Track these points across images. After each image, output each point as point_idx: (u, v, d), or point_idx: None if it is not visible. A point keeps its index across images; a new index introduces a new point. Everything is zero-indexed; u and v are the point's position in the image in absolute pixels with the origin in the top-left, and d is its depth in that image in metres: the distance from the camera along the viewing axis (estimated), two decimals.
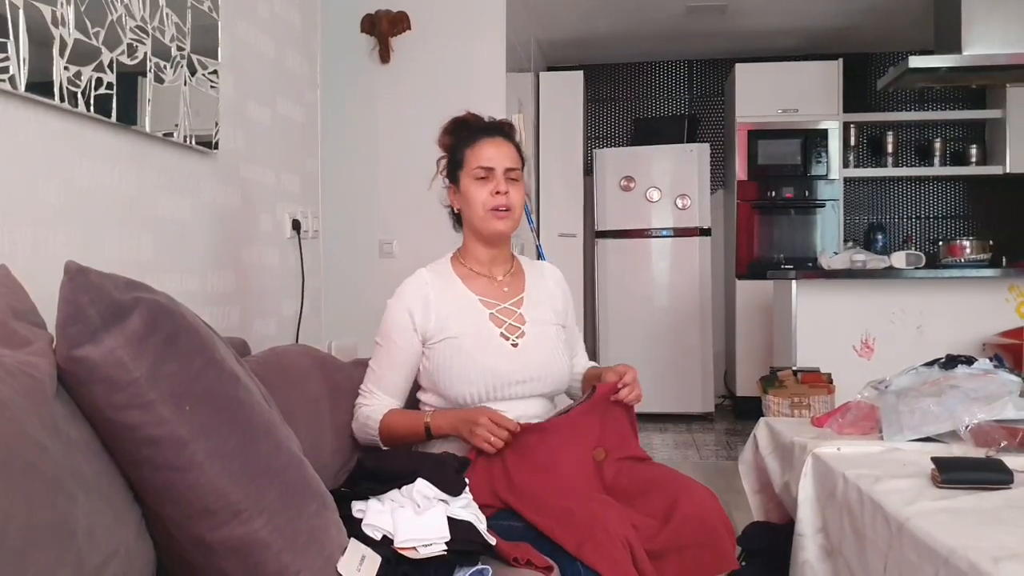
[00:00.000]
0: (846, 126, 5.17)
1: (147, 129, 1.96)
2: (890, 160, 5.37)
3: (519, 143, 1.85)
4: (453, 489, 1.36)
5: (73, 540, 0.87)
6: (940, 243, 3.88)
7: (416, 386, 1.82)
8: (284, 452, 1.13)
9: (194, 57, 2.17)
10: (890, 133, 5.36)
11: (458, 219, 1.86)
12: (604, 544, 1.37)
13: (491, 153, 1.75)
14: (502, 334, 1.74)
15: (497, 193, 1.73)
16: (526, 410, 1.71)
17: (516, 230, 1.85)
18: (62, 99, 1.62)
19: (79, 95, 1.68)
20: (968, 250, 3.68)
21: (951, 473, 1.45)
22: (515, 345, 1.73)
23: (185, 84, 2.13)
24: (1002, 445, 1.63)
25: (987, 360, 1.99)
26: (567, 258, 4.77)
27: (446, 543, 1.26)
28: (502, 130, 1.80)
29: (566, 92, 5.13)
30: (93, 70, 1.72)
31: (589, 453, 1.65)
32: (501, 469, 1.59)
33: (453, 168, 1.80)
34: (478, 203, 1.74)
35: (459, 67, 3.56)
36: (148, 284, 1.06)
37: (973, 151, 5.21)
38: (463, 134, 1.80)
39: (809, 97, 5.09)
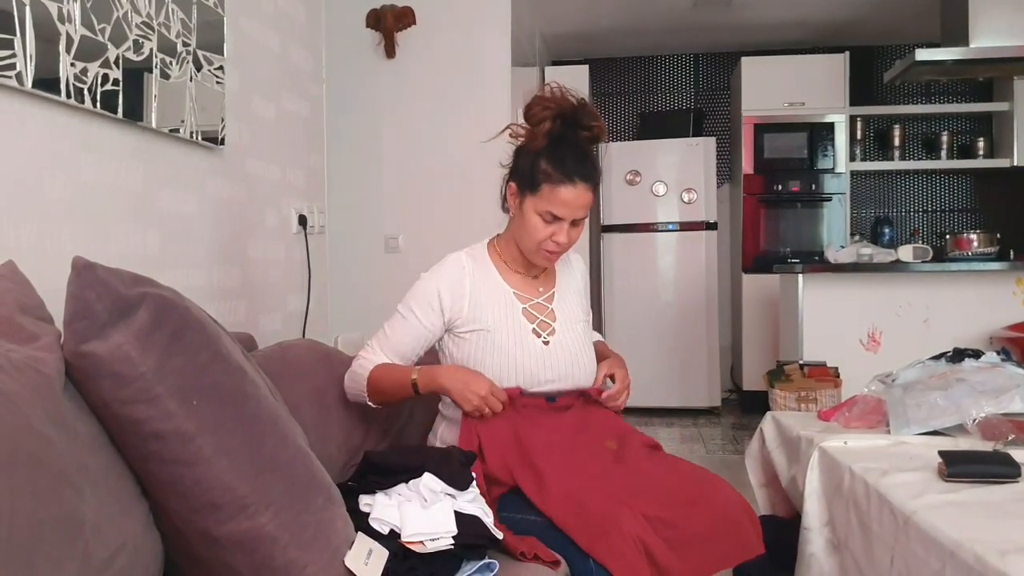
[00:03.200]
0: (852, 119, 5.15)
1: (153, 125, 1.96)
2: (897, 153, 5.34)
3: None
4: (460, 483, 1.37)
5: (80, 534, 0.88)
6: (947, 236, 3.85)
7: None
8: (290, 446, 1.13)
9: (200, 53, 2.17)
10: (897, 126, 5.34)
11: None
12: (617, 544, 1.36)
13: (568, 202, 1.64)
14: (534, 330, 1.73)
15: (555, 239, 1.67)
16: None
17: None
18: (68, 95, 1.63)
19: (85, 91, 1.68)
20: (975, 243, 3.66)
21: (958, 467, 1.44)
22: (546, 343, 1.72)
23: (191, 80, 2.13)
24: (1009, 439, 1.63)
25: (994, 353, 1.99)
26: (572, 252, 4.76)
27: (453, 537, 1.26)
28: (591, 176, 1.66)
29: (571, 86, 5.09)
30: (99, 66, 1.72)
31: (602, 441, 1.67)
32: (514, 444, 1.60)
33: (524, 177, 1.69)
34: (534, 238, 1.68)
35: (464, 62, 3.56)
36: (154, 279, 1.07)
37: (980, 144, 5.19)
38: (553, 158, 1.65)
39: (815, 90, 5.06)
